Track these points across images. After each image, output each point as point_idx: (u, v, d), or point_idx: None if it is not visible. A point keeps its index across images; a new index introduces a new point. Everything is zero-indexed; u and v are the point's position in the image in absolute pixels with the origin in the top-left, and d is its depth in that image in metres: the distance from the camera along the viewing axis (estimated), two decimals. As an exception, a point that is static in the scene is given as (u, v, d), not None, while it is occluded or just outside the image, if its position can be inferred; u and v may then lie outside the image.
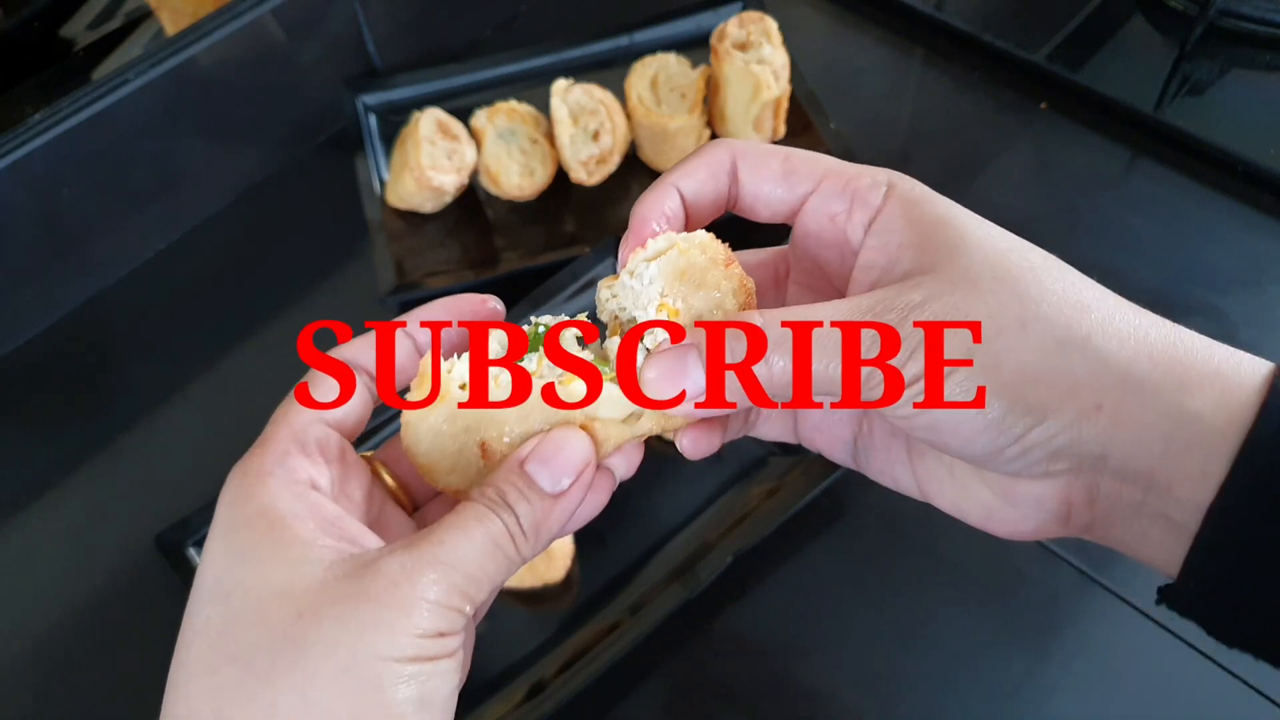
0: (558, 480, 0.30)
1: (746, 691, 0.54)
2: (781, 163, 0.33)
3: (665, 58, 0.78)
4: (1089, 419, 0.28)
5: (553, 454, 0.30)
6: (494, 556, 0.28)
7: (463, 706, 0.53)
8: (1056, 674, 0.53)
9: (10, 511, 0.65)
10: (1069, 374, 0.28)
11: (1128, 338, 0.29)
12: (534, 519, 0.29)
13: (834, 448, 0.36)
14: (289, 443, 0.30)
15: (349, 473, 0.31)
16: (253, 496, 0.28)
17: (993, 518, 0.32)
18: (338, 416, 0.31)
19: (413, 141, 0.72)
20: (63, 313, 0.75)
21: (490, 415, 0.31)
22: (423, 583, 0.27)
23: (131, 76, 0.71)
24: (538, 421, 0.31)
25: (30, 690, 0.58)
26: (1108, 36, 0.86)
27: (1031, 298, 0.29)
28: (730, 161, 0.33)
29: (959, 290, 0.29)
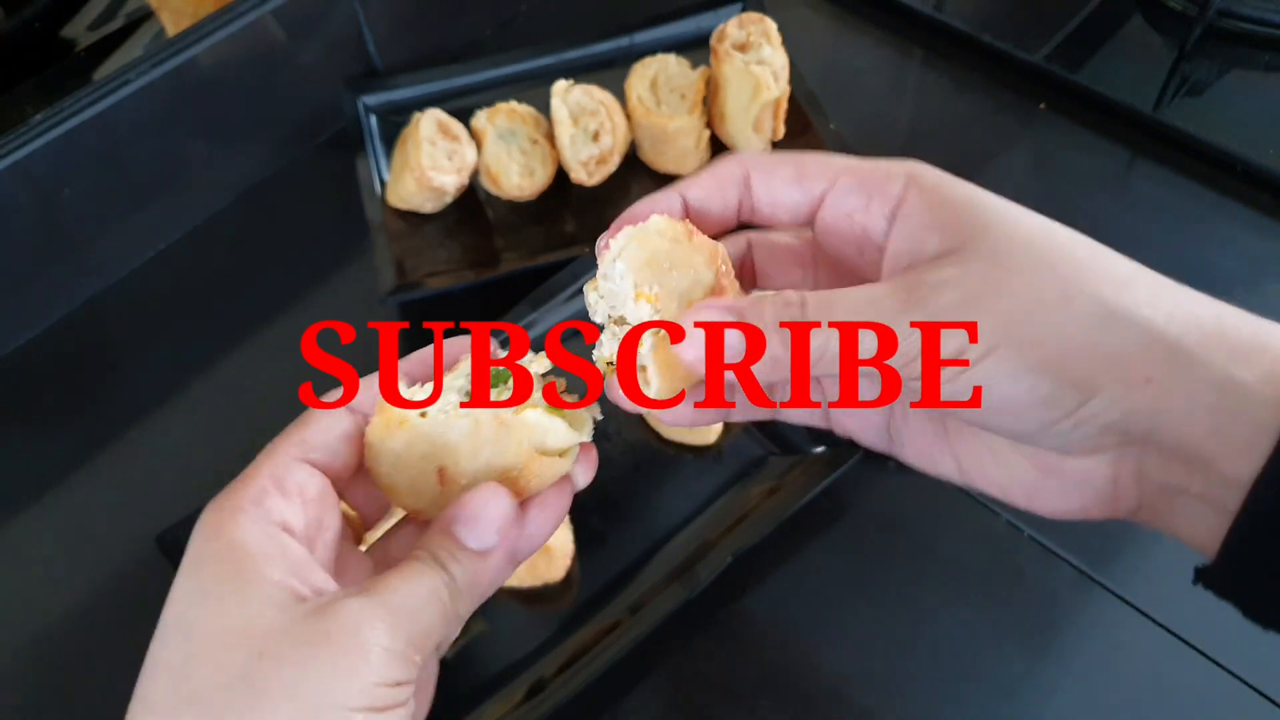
0: (483, 540, 0.31)
1: (746, 690, 0.54)
2: (794, 167, 0.33)
3: (665, 58, 0.78)
4: (1138, 392, 0.28)
5: (476, 515, 0.31)
6: (440, 613, 0.29)
7: (463, 706, 0.53)
8: (1056, 673, 0.53)
9: (10, 511, 0.65)
10: (1116, 347, 0.28)
11: (1173, 311, 0.29)
12: (466, 578, 0.30)
13: (865, 432, 0.35)
14: (268, 481, 0.30)
15: (325, 515, 0.32)
16: (223, 532, 0.28)
17: (1038, 496, 0.32)
18: (324, 457, 0.32)
19: (413, 142, 0.72)
20: (63, 313, 0.75)
21: (446, 445, 0.32)
22: (379, 629, 0.27)
23: (132, 77, 0.71)
24: (488, 454, 0.32)
25: (30, 690, 0.58)
26: (1107, 37, 0.86)
27: (1070, 273, 0.29)
28: (741, 172, 0.33)
29: (993, 268, 0.29)
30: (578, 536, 0.58)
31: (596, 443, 0.35)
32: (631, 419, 0.64)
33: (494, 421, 0.32)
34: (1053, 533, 0.58)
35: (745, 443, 0.62)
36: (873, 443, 0.36)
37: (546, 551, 0.56)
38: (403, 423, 0.32)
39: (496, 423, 0.32)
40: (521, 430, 0.32)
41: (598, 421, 0.35)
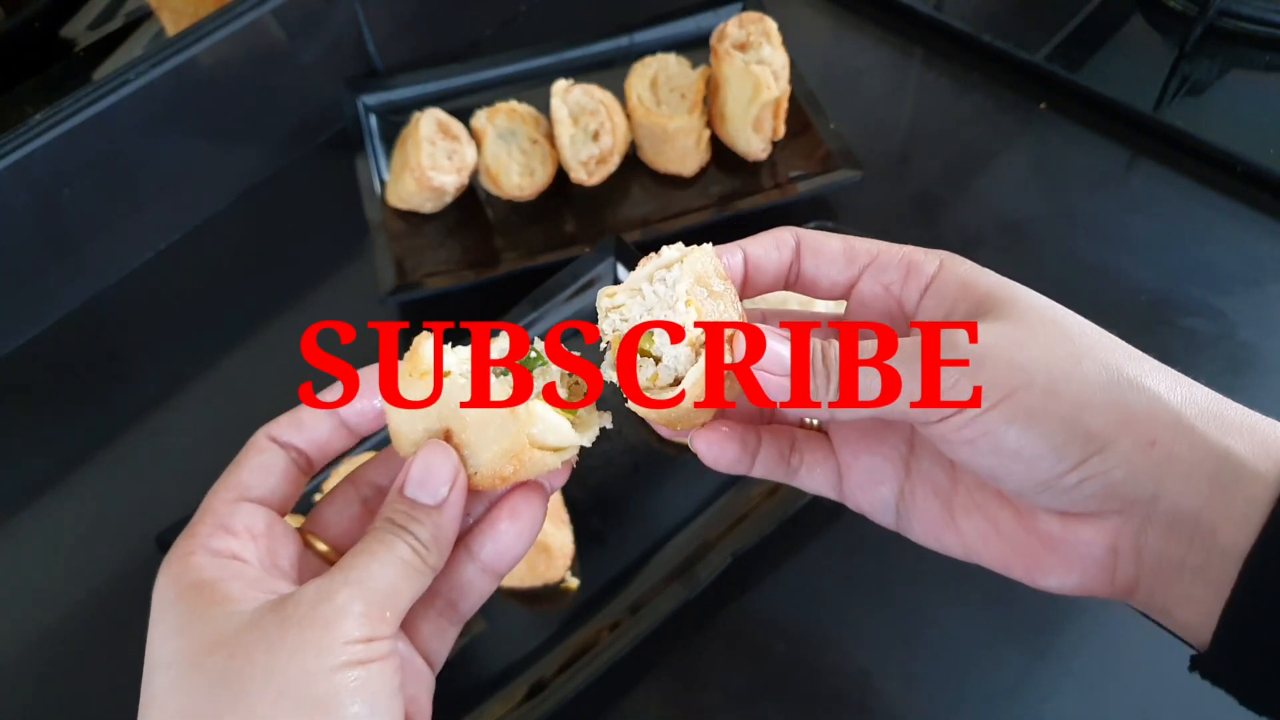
0: (436, 493, 0.33)
1: (746, 691, 0.54)
2: (841, 243, 0.36)
3: (665, 58, 0.78)
4: (1144, 453, 0.30)
5: (424, 474, 0.33)
6: (403, 571, 0.31)
7: (463, 706, 0.53)
8: (1056, 674, 0.53)
9: (11, 511, 0.66)
10: (1125, 406, 0.30)
11: (1174, 385, 0.31)
12: (430, 532, 0.32)
13: (876, 508, 0.37)
14: (213, 525, 0.32)
15: (276, 544, 0.33)
16: (182, 575, 0.31)
17: (1039, 569, 0.34)
18: (263, 494, 0.34)
19: (413, 142, 0.72)
20: (63, 313, 0.75)
21: (456, 412, 0.33)
22: (339, 600, 0.29)
23: (132, 77, 0.71)
24: (492, 431, 0.33)
25: (31, 689, 0.58)
26: (1107, 37, 0.86)
27: (1084, 342, 0.31)
28: (794, 241, 0.36)
29: (1014, 329, 0.31)
30: (578, 537, 0.58)
31: (597, 442, 0.36)
32: (632, 419, 0.64)
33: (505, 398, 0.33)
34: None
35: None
36: (884, 520, 0.38)
37: (547, 551, 0.56)
38: (425, 374, 0.33)
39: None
40: (527, 419, 0.33)
41: (605, 430, 0.36)
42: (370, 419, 0.36)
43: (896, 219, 0.75)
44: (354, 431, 0.36)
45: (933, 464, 0.36)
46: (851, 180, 0.73)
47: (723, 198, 0.76)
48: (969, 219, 0.55)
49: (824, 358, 0.31)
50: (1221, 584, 0.30)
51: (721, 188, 0.77)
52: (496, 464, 0.33)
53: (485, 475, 0.34)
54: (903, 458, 0.37)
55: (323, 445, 0.36)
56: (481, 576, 0.35)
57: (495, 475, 0.34)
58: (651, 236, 0.72)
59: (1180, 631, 0.32)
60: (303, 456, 0.35)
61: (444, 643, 0.36)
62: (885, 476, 0.37)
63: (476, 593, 0.35)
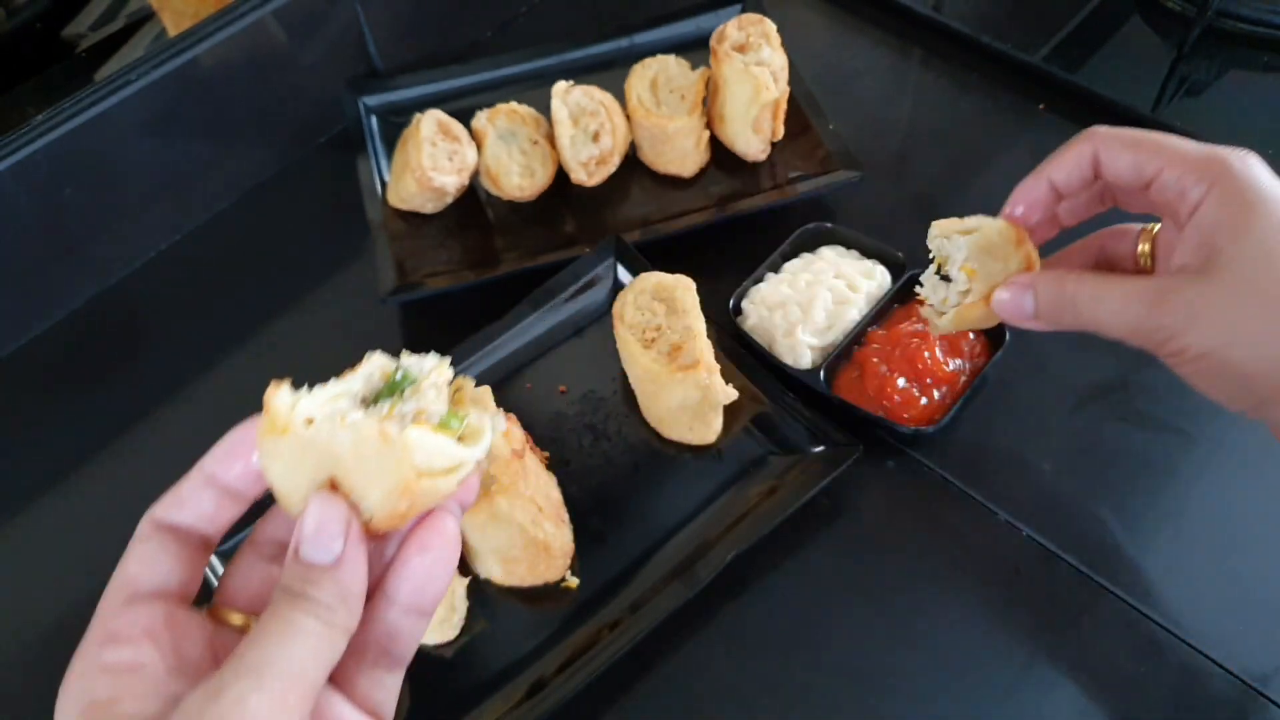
0: (330, 550, 0.30)
1: (746, 690, 0.54)
2: (1132, 152, 0.44)
3: (665, 59, 0.78)
4: None
5: (314, 533, 0.31)
6: (307, 644, 0.29)
7: (463, 705, 0.54)
8: (1055, 673, 0.53)
9: (14, 509, 0.66)
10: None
11: None
12: (333, 593, 0.30)
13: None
14: (103, 637, 0.31)
15: (180, 638, 0.31)
16: (80, 696, 0.29)
17: None
18: (157, 586, 0.32)
19: (414, 142, 0.72)
20: (65, 312, 0.76)
21: (334, 456, 0.31)
22: (225, 700, 0.27)
23: (134, 77, 0.71)
24: (374, 469, 0.31)
25: (33, 687, 0.58)
26: (1105, 38, 0.86)
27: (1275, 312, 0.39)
28: (1090, 148, 0.46)
29: (1233, 291, 0.40)
30: (578, 536, 0.59)
31: (596, 444, 0.35)
32: (632, 419, 0.64)
33: (377, 436, 0.31)
34: (1053, 533, 0.58)
35: (745, 442, 0.62)
36: None
37: (547, 551, 0.56)
38: (285, 429, 0.30)
39: (380, 438, 0.31)
40: (405, 450, 0.31)
41: (495, 433, 0.34)
42: (253, 481, 0.33)
43: (896, 219, 0.75)
44: (242, 496, 0.34)
45: None
46: (850, 181, 0.73)
47: (722, 198, 0.76)
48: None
49: (1070, 294, 0.43)
50: None
51: (721, 188, 0.77)
52: (389, 503, 0.31)
53: (381, 517, 0.31)
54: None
55: (212, 518, 0.33)
56: (407, 618, 0.33)
57: (391, 515, 0.31)
58: (651, 237, 0.72)
59: None
60: (194, 533, 0.33)
61: (387, 691, 0.33)
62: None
63: (408, 635, 0.33)
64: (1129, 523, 0.58)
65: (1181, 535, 0.58)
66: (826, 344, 0.65)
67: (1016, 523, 0.59)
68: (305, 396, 0.32)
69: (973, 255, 0.47)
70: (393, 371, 0.34)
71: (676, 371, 0.59)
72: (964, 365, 0.63)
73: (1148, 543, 0.57)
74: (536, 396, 0.66)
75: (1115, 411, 0.63)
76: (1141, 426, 0.62)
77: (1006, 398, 0.64)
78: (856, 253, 0.70)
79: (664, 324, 0.61)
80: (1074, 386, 0.64)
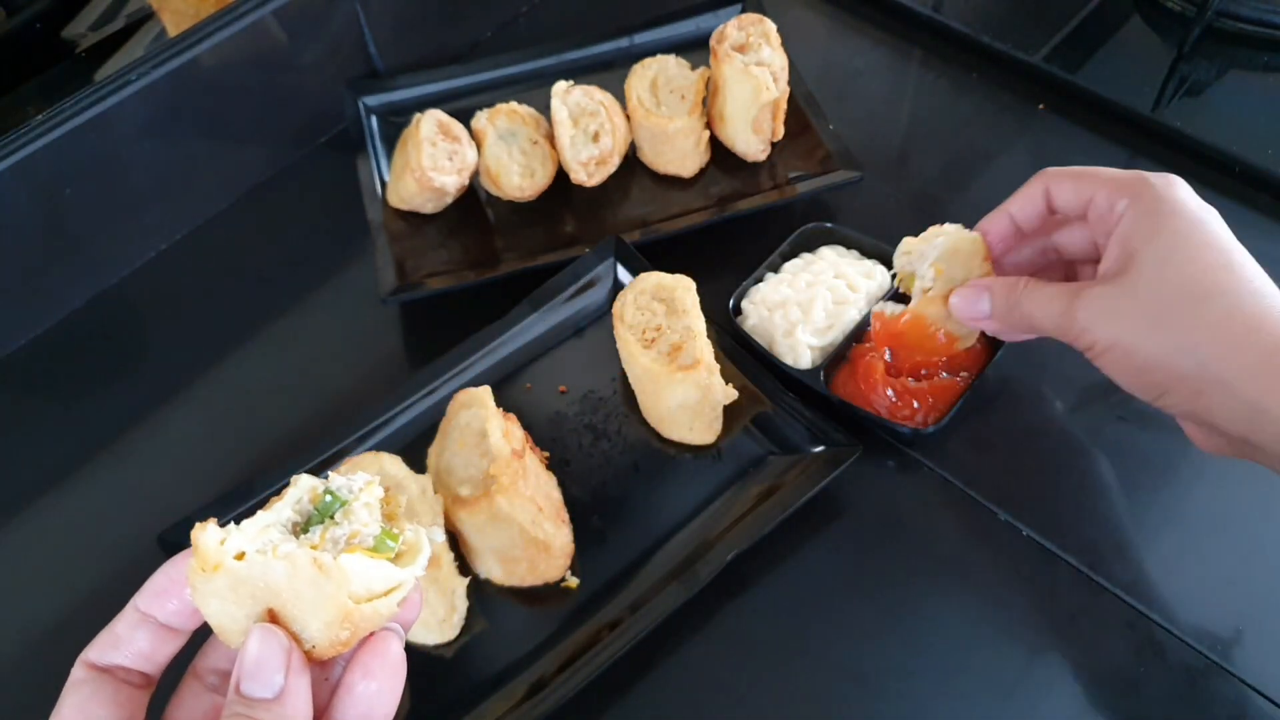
0: (271, 684, 0.30)
1: (746, 690, 0.54)
2: (1073, 177, 0.50)
3: (665, 59, 0.78)
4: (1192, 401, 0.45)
5: (255, 668, 0.30)
6: None
7: (463, 705, 0.54)
8: (1055, 673, 0.53)
9: (13, 510, 0.66)
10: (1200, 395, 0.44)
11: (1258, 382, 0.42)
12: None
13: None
14: None
15: None
16: None
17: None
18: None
19: (414, 142, 0.72)
20: (65, 312, 0.76)
21: (270, 587, 0.31)
22: None
23: (133, 77, 0.71)
24: (311, 597, 0.31)
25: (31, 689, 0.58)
26: (1105, 38, 0.86)
27: (1191, 332, 0.43)
28: (1043, 184, 0.52)
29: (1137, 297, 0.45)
30: (578, 536, 0.59)
31: (596, 444, 0.35)
32: (632, 419, 0.64)
33: (311, 565, 0.30)
34: (1052, 533, 0.58)
35: (745, 442, 0.62)
36: None
37: (547, 550, 0.56)
38: (216, 566, 0.30)
39: (314, 567, 0.30)
40: (340, 577, 0.31)
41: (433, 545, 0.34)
42: (189, 616, 0.33)
43: (895, 220, 0.75)
44: (179, 631, 0.34)
45: None
46: (850, 181, 0.73)
47: (722, 198, 0.76)
48: (968, 220, 0.56)
49: (1009, 305, 0.50)
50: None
51: (721, 188, 0.77)
52: (330, 632, 0.31)
53: (323, 645, 0.31)
54: None
55: (149, 656, 0.33)
56: None
57: (333, 642, 0.31)
58: (651, 237, 0.72)
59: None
60: (133, 673, 0.33)
61: None
62: None
63: None
64: (1129, 523, 0.58)
65: (1181, 535, 0.58)
66: (826, 344, 0.65)
67: (1016, 523, 0.59)
68: (234, 532, 0.31)
69: (943, 256, 0.54)
70: (321, 494, 0.33)
71: (676, 371, 0.59)
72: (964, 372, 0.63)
73: (1148, 543, 0.57)
74: (536, 396, 0.66)
75: (1115, 411, 0.63)
76: (1142, 426, 0.62)
77: (1006, 398, 0.64)
78: (856, 253, 0.70)
79: (664, 324, 0.61)
80: (1074, 386, 0.64)
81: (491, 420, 0.57)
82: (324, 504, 0.33)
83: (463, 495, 0.56)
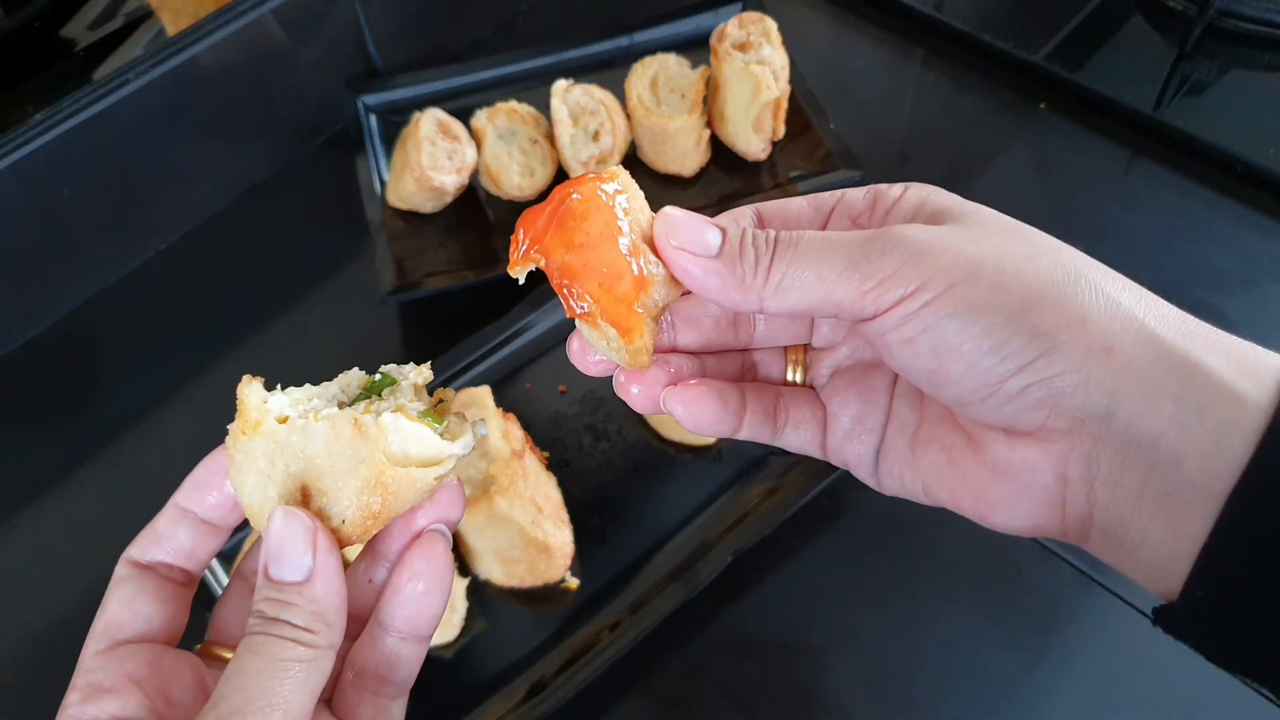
0: (299, 566, 0.29)
1: (746, 691, 0.54)
2: (805, 200, 0.34)
3: (665, 58, 0.78)
4: (1098, 361, 0.27)
5: (279, 549, 0.29)
6: (287, 672, 0.28)
7: (463, 705, 0.53)
8: (1056, 673, 0.53)
9: (10, 511, 0.66)
10: (1078, 304, 0.27)
11: (1140, 296, 0.28)
12: (308, 612, 0.29)
13: (860, 459, 0.35)
14: (85, 691, 0.29)
15: (169, 680, 0.31)
16: None
17: (987, 501, 0.31)
18: (140, 629, 0.31)
19: (413, 142, 0.72)
20: (63, 312, 0.75)
21: (308, 458, 0.30)
22: None
23: (132, 77, 0.71)
24: (346, 464, 0.30)
25: (29, 691, 0.58)
26: (1107, 37, 0.86)
27: (1042, 243, 0.29)
28: (753, 213, 0.34)
29: (967, 228, 0.29)
30: (578, 536, 0.58)
31: (595, 444, 0.35)
32: (632, 419, 0.64)
33: (351, 426, 0.29)
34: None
35: (745, 442, 0.62)
36: (861, 472, 0.35)
37: (547, 551, 0.56)
38: (257, 425, 0.29)
39: (354, 428, 0.29)
40: (379, 433, 0.29)
41: (480, 436, 0.33)
42: (229, 510, 0.32)
43: (896, 219, 0.75)
44: (219, 527, 0.33)
45: (904, 402, 0.34)
46: (851, 180, 0.73)
47: (723, 198, 0.76)
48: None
49: (754, 240, 0.30)
50: (1187, 521, 0.26)
51: (721, 188, 0.77)
52: (362, 502, 0.30)
53: (355, 521, 0.30)
54: (887, 402, 0.34)
55: (190, 553, 0.33)
56: (404, 645, 0.32)
57: (365, 515, 0.30)
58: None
59: (1141, 578, 0.29)
60: (175, 570, 0.32)
61: (391, 717, 0.32)
62: (871, 424, 0.34)
63: (406, 662, 0.32)
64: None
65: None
66: (827, 344, 0.65)
67: (1017, 523, 0.59)
68: (279, 394, 0.31)
69: None
70: (371, 377, 0.33)
71: (677, 371, 0.59)
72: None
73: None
74: (536, 396, 0.66)
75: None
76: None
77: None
78: (857, 252, 0.70)
79: (664, 324, 0.61)
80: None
81: (491, 420, 0.57)
82: (372, 383, 0.32)
83: (462, 495, 0.56)
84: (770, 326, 0.35)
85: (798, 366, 0.36)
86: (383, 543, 0.33)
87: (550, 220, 0.31)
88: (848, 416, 0.34)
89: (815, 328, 0.35)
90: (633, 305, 0.30)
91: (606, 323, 0.29)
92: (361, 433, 0.29)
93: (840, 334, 0.35)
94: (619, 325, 0.30)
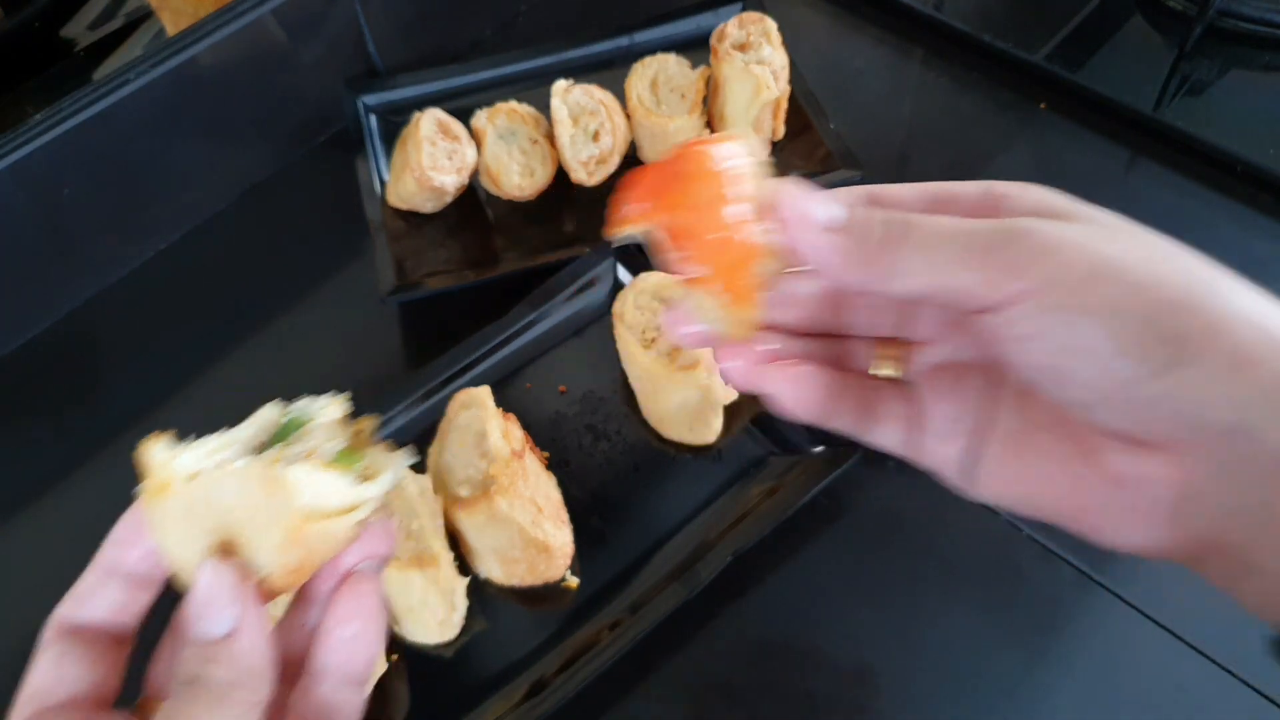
0: (221, 622, 0.28)
1: (746, 691, 0.54)
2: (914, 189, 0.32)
3: (665, 58, 0.78)
4: (1237, 374, 0.25)
5: (202, 606, 0.28)
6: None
7: (463, 705, 0.53)
8: (1056, 673, 0.53)
9: (11, 510, 0.66)
10: (1215, 311, 0.26)
11: (1276, 307, 0.27)
12: (232, 669, 0.28)
13: (947, 461, 0.33)
14: None
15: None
16: None
17: (1103, 515, 0.30)
18: (69, 693, 0.30)
19: (413, 142, 0.72)
20: (64, 312, 0.75)
21: (225, 511, 0.29)
22: None
23: (132, 77, 0.71)
24: (263, 518, 0.29)
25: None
26: (1107, 37, 0.86)
27: (1170, 249, 0.28)
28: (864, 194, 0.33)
29: (1097, 229, 0.28)
30: (578, 536, 0.58)
31: (595, 444, 0.34)
32: (632, 419, 0.64)
33: (261, 479, 0.28)
34: (1053, 533, 0.58)
35: (745, 443, 0.62)
36: (949, 474, 0.34)
37: (546, 551, 0.56)
38: (165, 487, 0.28)
39: (264, 481, 0.28)
40: (287, 490, 0.28)
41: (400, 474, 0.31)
42: (158, 563, 0.31)
43: (896, 219, 0.75)
44: (150, 580, 0.31)
45: (1006, 406, 0.32)
46: (851, 180, 0.73)
47: (723, 198, 0.76)
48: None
49: (880, 218, 0.28)
50: None
51: (721, 188, 0.77)
52: (281, 556, 0.29)
53: (279, 574, 0.29)
54: (983, 402, 0.32)
55: (122, 610, 0.31)
56: (341, 690, 0.30)
57: (285, 569, 0.29)
58: (651, 236, 0.72)
59: (1255, 605, 0.28)
60: (105, 630, 0.31)
61: None
62: (966, 426, 0.32)
63: (346, 705, 0.31)
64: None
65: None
66: (827, 344, 0.65)
67: (1016, 523, 0.59)
68: (186, 449, 0.29)
69: None
70: (281, 417, 0.31)
71: (676, 371, 0.59)
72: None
73: (1149, 543, 0.57)
74: (536, 396, 0.66)
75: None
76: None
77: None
78: (857, 252, 0.70)
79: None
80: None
81: (491, 420, 0.57)
82: (282, 426, 0.31)
83: (462, 496, 0.56)
84: (873, 313, 0.34)
85: (890, 360, 0.34)
86: (312, 586, 0.32)
87: (665, 182, 0.30)
88: (942, 417, 0.33)
89: (918, 320, 0.33)
90: (746, 272, 0.28)
91: (718, 288, 0.28)
92: (268, 485, 0.28)
93: (942, 329, 0.33)
94: (732, 291, 0.28)
